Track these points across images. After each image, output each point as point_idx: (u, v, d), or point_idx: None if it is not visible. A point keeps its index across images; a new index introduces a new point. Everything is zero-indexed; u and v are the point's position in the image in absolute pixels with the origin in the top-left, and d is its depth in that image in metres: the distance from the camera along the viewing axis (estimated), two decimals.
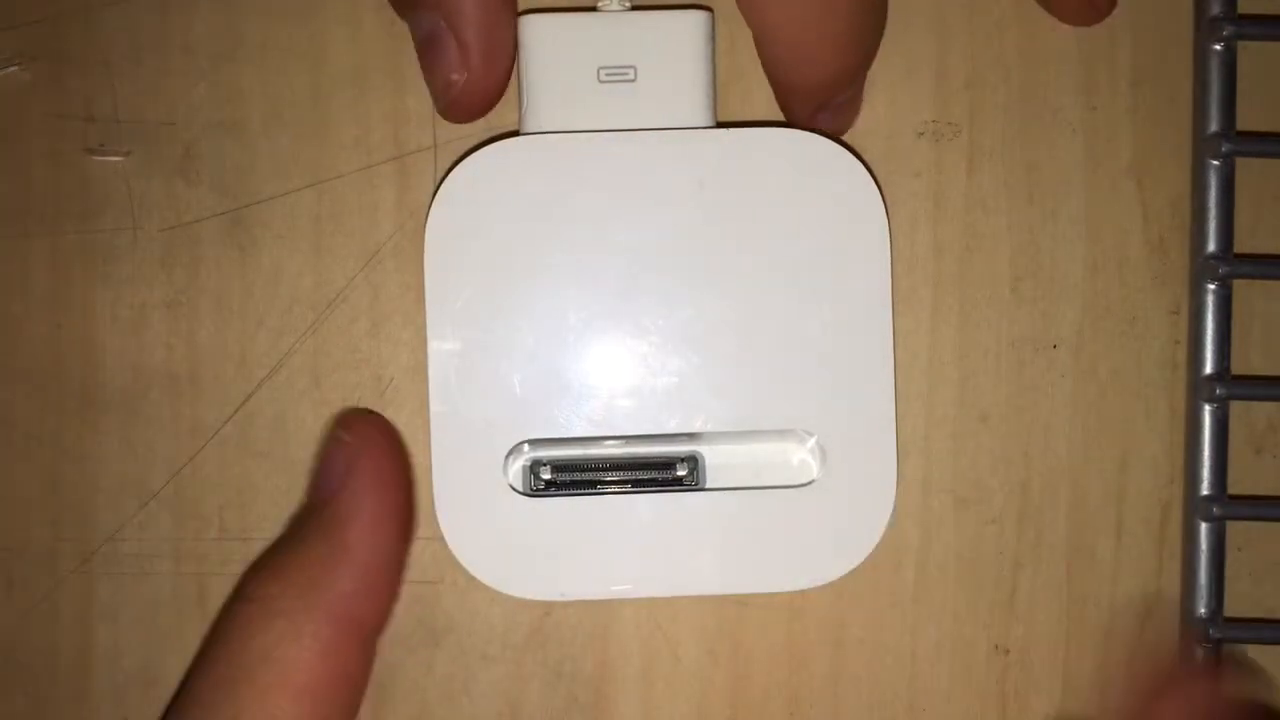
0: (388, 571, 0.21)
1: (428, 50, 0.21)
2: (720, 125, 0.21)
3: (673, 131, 0.21)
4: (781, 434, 0.21)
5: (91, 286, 0.22)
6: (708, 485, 0.21)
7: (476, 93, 0.21)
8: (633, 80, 0.21)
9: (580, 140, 0.21)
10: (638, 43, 0.21)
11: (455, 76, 0.20)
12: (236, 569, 0.22)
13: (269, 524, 0.22)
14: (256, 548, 0.22)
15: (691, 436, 0.21)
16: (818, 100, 0.21)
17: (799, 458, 0.21)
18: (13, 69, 0.22)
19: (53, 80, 0.22)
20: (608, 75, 0.21)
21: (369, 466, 0.20)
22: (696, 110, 0.21)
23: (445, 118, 0.22)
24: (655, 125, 0.21)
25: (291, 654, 0.19)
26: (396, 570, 0.21)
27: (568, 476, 0.21)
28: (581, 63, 0.21)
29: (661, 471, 0.21)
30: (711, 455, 0.21)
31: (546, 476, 0.21)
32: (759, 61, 0.21)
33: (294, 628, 0.19)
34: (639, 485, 0.21)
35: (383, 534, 0.20)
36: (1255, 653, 0.23)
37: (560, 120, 0.21)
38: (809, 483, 0.21)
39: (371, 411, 0.22)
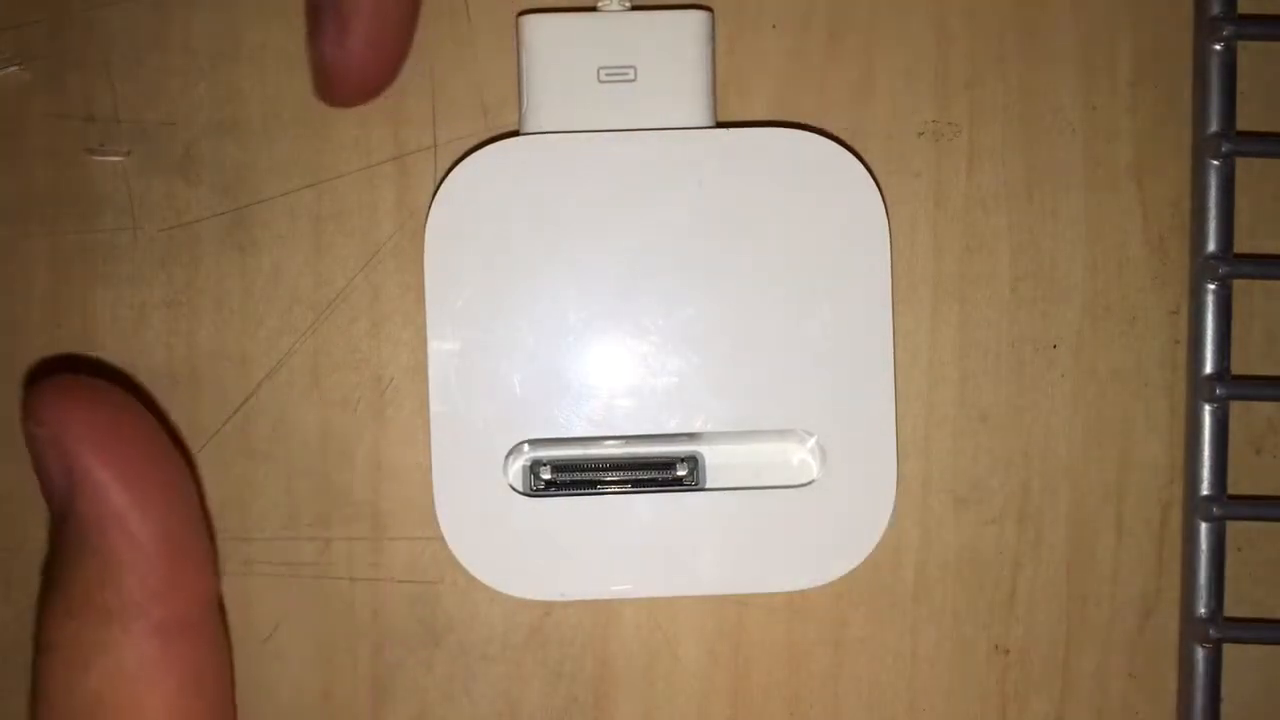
0: (184, 546, 0.18)
1: (310, 19, 0.20)
2: (720, 125, 0.21)
3: (673, 131, 0.21)
4: (781, 434, 0.21)
5: (91, 286, 0.22)
6: (708, 485, 0.21)
7: (350, 76, 0.20)
8: (633, 80, 0.21)
9: (580, 140, 0.21)
10: (638, 43, 0.21)
11: (330, 52, 0.20)
12: (237, 569, 0.22)
13: (269, 524, 0.22)
14: (257, 548, 0.22)
15: (691, 436, 0.21)
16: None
17: (799, 458, 0.21)
18: (13, 69, 0.22)
19: (53, 80, 0.22)
20: (608, 75, 0.21)
21: (90, 450, 0.17)
22: (696, 110, 0.21)
23: (318, 96, 0.21)
24: (655, 125, 0.21)
25: (126, 684, 0.17)
26: (192, 536, 0.18)
27: (568, 476, 0.21)
28: (581, 62, 0.21)
29: (661, 471, 0.21)
30: (711, 455, 0.21)
31: (546, 476, 0.21)
32: (758, 61, 0.21)
33: (112, 658, 0.17)
34: (639, 485, 0.21)
35: (144, 504, 0.17)
36: (1255, 653, 0.23)
37: (560, 120, 0.21)
38: (809, 483, 0.21)
39: (60, 378, 0.19)
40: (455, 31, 0.22)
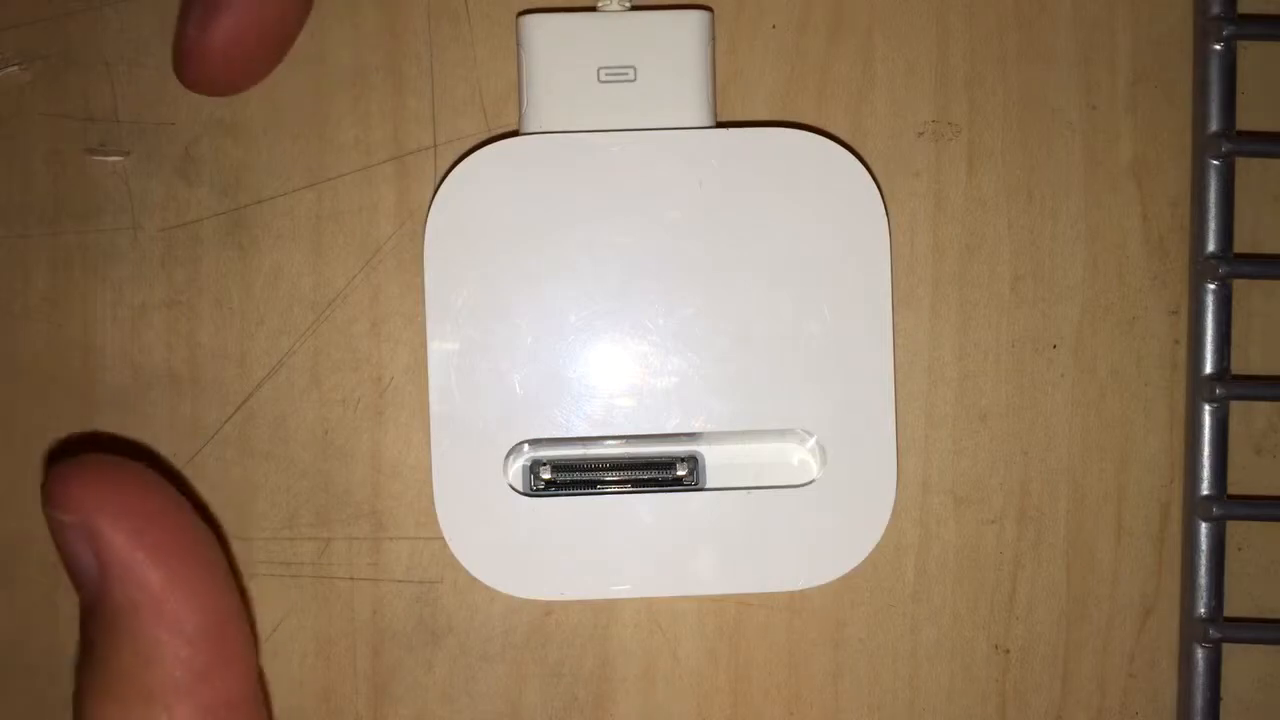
0: (211, 615, 0.17)
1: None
2: (720, 125, 0.21)
3: (672, 131, 0.21)
4: (781, 434, 0.21)
5: (91, 286, 0.22)
6: (708, 485, 0.21)
7: (206, 64, 0.19)
8: (632, 80, 0.21)
9: (580, 140, 0.21)
10: (637, 43, 0.21)
11: (192, 33, 0.19)
12: (236, 568, 0.22)
13: (269, 524, 0.22)
14: (257, 547, 0.22)
15: (691, 436, 0.21)
16: None
17: (799, 458, 0.21)
18: (13, 69, 0.22)
19: (53, 80, 0.22)
20: (608, 75, 0.21)
21: (114, 535, 0.17)
22: (696, 110, 0.21)
23: (175, 74, 0.20)
24: (655, 125, 0.21)
25: None
26: (233, 610, 0.18)
27: (568, 476, 0.21)
28: (581, 62, 0.21)
29: (661, 471, 0.21)
30: (711, 455, 0.21)
31: (546, 476, 0.21)
32: (758, 61, 0.21)
33: None
34: (639, 485, 0.21)
35: (179, 585, 0.17)
36: (1255, 653, 0.23)
37: (560, 120, 0.21)
38: (809, 483, 0.21)
39: (79, 462, 0.18)
40: (455, 31, 0.22)
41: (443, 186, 0.21)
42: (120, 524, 0.17)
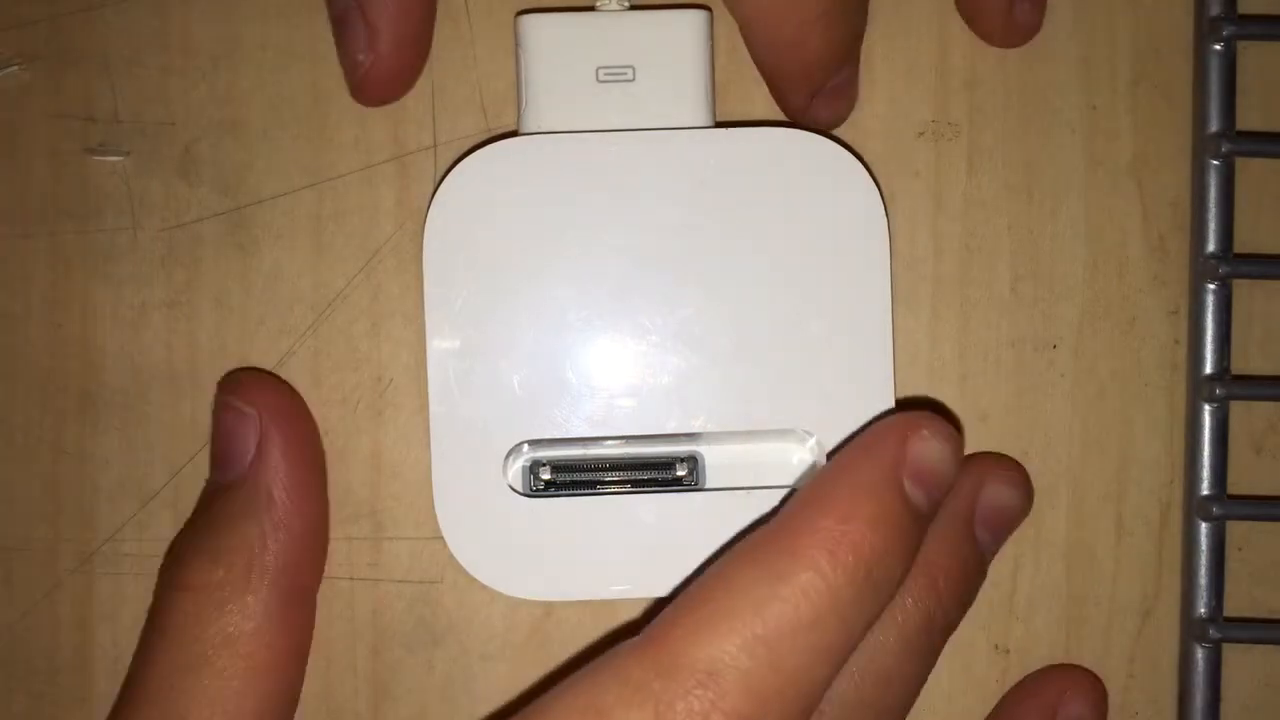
0: (318, 535, 0.21)
1: (338, 29, 0.21)
2: (720, 125, 0.21)
3: (672, 131, 0.21)
4: (781, 434, 0.21)
5: (91, 286, 0.22)
6: (708, 485, 0.21)
7: (382, 76, 0.21)
8: (631, 80, 0.21)
9: (579, 140, 0.21)
10: (636, 42, 0.21)
11: (362, 58, 0.21)
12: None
13: None
14: None
15: (691, 436, 0.21)
16: (809, 86, 0.21)
17: (799, 457, 0.21)
18: (13, 69, 0.22)
19: (53, 80, 0.22)
20: (606, 75, 0.21)
21: (278, 436, 0.21)
22: (695, 110, 0.21)
23: (354, 97, 0.22)
24: (654, 125, 0.21)
25: (250, 634, 0.20)
26: (324, 528, 0.22)
27: (567, 476, 0.21)
28: (580, 62, 0.21)
29: (661, 471, 0.21)
30: (711, 455, 0.21)
31: (546, 477, 0.21)
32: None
33: (246, 609, 0.20)
34: (639, 485, 0.21)
35: (307, 500, 0.21)
36: (1255, 653, 0.23)
37: (559, 120, 0.21)
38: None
39: (260, 371, 0.22)
40: (455, 31, 0.22)
41: (442, 186, 0.21)
42: (281, 430, 0.21)
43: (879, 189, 0.21)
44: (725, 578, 0.17)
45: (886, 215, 0.21)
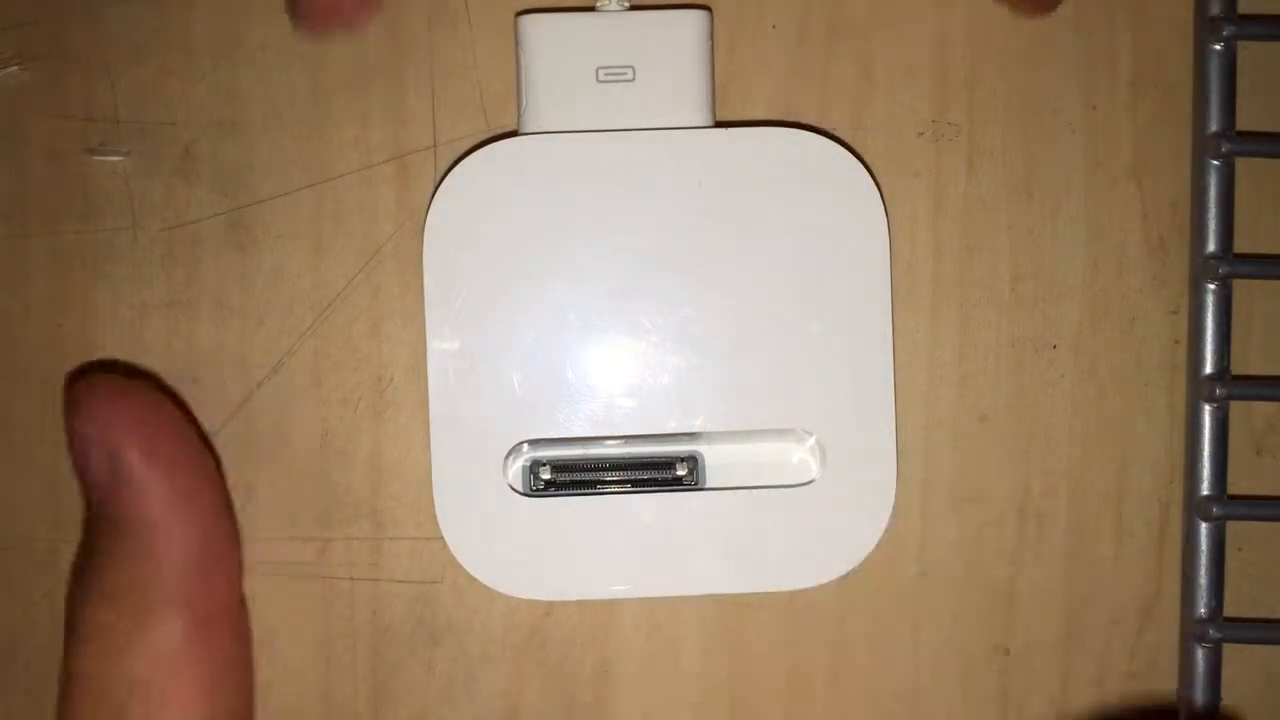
0: (219, 542, 0.19)
1: None
2: (719, 125, 0.21)
3: (671, 131, 0.21)
4: (781, 434, 0.21)
5: (91, 286, 0.22)
6: (708, 485, 0.21)
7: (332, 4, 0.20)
8: (631, 80, 0.21)
9: (579, 140, 0.21)
10: (636, 42, 0.21)
11: None
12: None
13: (269, 524, 0.22)
14: (257, 548, 0.22)
15: (691, 436, 0.21)
16: None
17: (799, 457, 0.21)
18: (13, 69, 0.22)
19: (53, 80, 0.22)
20: (606, 75, 0.21)
21: (136, 448, 0.18)
22: (695, 110, 0.21)
23: (293, 23, 0.21)
24: (654, 125, 0.21)
25: (162, 672, 0.18)
26: (224, 534, 0.19)
27: (567, 476, 0.21)
28: (580, 62, 0.21)
29: (661, 471, 0.21)
30: (711, 455, 0.21)
31: (546, 477, 0.21)
32: (758, 61, 0.21)
33: (149, 648, 0.18)
34: (639, 485, 0.21)
35: (193, 509, 0.19)
36: (1255, 653, 0.23)
37: (559, 120, 0.21)
38: (809, 482, 0.21)
39: (105, 376, 0.20)
40: (455, 31, 0.22)
41: (442, 186, 0.21)
42: (136, 440, 0.18)
43: (879, 189, 0.21)
44: None
45: (886, 215, 0.21)
